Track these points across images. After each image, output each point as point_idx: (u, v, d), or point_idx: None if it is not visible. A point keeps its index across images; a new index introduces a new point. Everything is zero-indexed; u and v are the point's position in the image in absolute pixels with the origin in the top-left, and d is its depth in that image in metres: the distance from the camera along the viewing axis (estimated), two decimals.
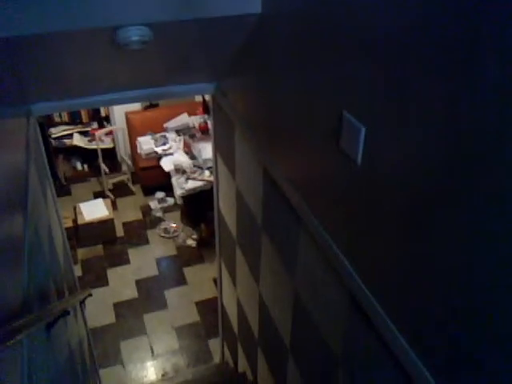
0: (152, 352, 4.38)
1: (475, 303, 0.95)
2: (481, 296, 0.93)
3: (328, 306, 1.68)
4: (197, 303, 4.80)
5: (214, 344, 4.36)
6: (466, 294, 0.97)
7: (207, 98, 5.43)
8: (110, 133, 6.38)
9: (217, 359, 4.28)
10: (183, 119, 6.08)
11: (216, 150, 2.97)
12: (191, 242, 5.51)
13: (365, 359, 1.48)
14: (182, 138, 5.86)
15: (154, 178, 6.01)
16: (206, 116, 5.90)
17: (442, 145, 0.96)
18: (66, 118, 6.31)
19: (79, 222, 5.33)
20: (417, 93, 1.00)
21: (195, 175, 5.29)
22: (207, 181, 5.14)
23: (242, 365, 3.43)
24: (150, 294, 4.91)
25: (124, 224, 5.81)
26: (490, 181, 0.85)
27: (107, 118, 6.41)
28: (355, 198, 1.34)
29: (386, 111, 1.13)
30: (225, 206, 3.02)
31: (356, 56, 1.21)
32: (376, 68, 1.13)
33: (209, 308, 4.69)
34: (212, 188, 3.26)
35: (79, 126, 6.41)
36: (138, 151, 5.98)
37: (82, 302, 3.17)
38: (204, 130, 5.79)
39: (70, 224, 5.33)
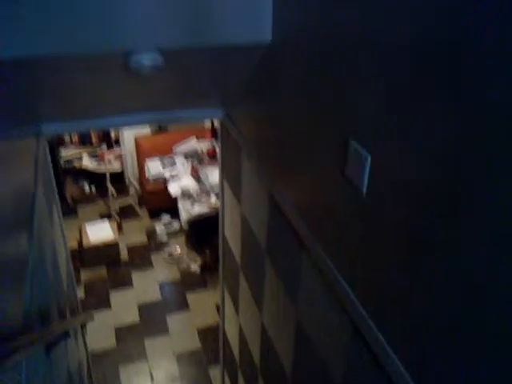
0: (152, 378, 4.31)
1: (478, 334, 0.94)
2: (486, 327, 0.92)
3: (330, 333, 1.66)
4: (198, 329, 4.76)
5: (215, 371, 4.29)
6: (470, 325, 0.96)
7: (216, 123, 5.49)
8: (119, 156, 6.44)
9: None
10: (191, 144, 6.14)
11: (223, 174, 2.98)
12: (195, 267, 5.49)
13: None
14: (189, 162, 5.90)
15: (161, 202, 6.04)
16: (214, 141, 5.96)
17: (448, 175, 0.96)
18: (76, 139, 6.39)
19: (84, 243, 5.34)
20: (422, 122, 1.01)
21: (202, 200, 5.31)
22: (213, 206, 5.16)
23: None
24: (151, 319, 4.87)
25: (129, 247, 5.80)
26: (494, 211, 0.85)
27: (117, 141, 6.48)
28: (360, 226, 1.34)
29: (392, 140, 1.13)
30: (230, 232, 3.02)
31: (362, 85, 1.22)
32: (382, 97, 1.14)
33: (210, 334, 4.64)
34: (218, 213, 3.27)
35: (89, 148, 6.48)
36: (146, 174, 6.02)
37: (84, 325, 3.15)
38: (212, 155, 5.84)
39: (75, 245, 5.34)
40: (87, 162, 6.39)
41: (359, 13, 1.19)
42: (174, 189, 5.58)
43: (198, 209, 5.22)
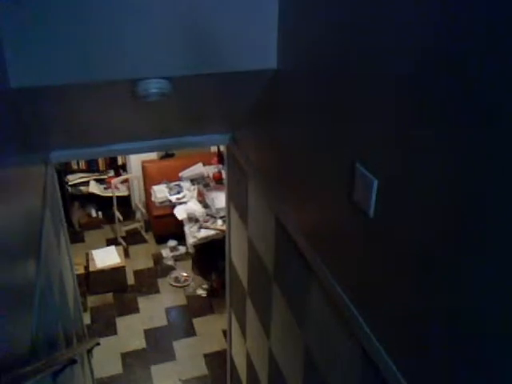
0: None
1: (494, 356, 0.93)
2: (498, 349, 0.91)
3: (339, 359, 1.63)
4: (205, 355, 4.70)
5: None
6: (482, 349, 0.95)
7: (222, 148, 5.53)
8: (125, 181, 6.47)
9: None
10: (198, 169, 6.17)
11: (229, 199, 2.99)
12: (201, 292, 5.45)
13: None
14: (196, 187, 5.92)
15: (167, 227, 6.04)
16: (220, 166, 5.99)
17: (456, 200, 0.96)
18: (83, 165, 6.44)
19: (91, 268, 5.33)
20: (430, 147, 1.02)
21: (208, 224, 5.30)
22: (220, 230, 5.15)
23: None
24: (158, 345, 4.82)
25: (135, 272, 5.79)
26: (504, 236, 0.85)
27: (123, 167, 6.52)
28: (368, 251, 1.34)
29: (399, 164, 1.14)
30: (236, 256, 3.01)
31: (368, 110, 1.23)
32: (389, 122, 1.15)
33: (218, 360, 4.58)
34: (224, 238, 3.26)
35: (96, 173, 6.53)
36: (153, 199, 6.04)
37: (90, 351, 3.13)
38: (218, 180, 5.85)
39: (81, 271, 5.33)
40: (94, 187, 6.42)
41: (365, 38, 1.21)
42: (180, 213, 5.59)
43: (204, 232, 5.21)
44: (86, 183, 6.46)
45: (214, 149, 6.32)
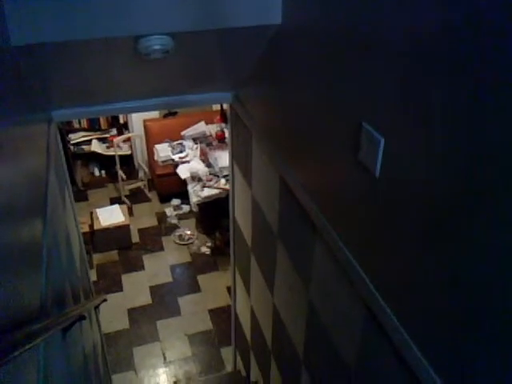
0: (164, 359, 4.38)
1: (494, 313, 0.94)
2: (502, 306, 0.92)
3: (342, 316, 1.67)
4: (210, 311, 4.81)
5: (227, 352, 4.35)
6: (483, 305, 0.96)
7: (225, 106, 5.47)
8: (127, 140, 6.45)
9: (229, 368, 4.27)
10: (200, 127, 6.12)
11: (233, 158, 2.98)
12: (205, 250, 5.52)
13: (378, 370, 1.46)
14: (198, 146, 5.90)
15: (170, 186, 6.05)
16: (223, 125, 5.94)
17: (462, 156, 0.95)
18: (85, 124, 6.40)
19: (95, 227, 5.38)
20: (437, 103, 1.00)
21: (211, 183, 5.32)
22: (223, 189, 5.17)
23: (255, 374, 3.42)
24: (163, 301, 4.93)
25: (139, 230, 5.85)
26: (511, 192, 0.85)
27: (125, 125, 6.48)
28: (372, 210, 1.34)
29: (406, 122, 1.12)
30: (240, 215, 3.03)
31: (376, 67, 1.21)
32: (396, 79, 1.13)
33: (222, 316, 4.69)
34: (227, 196, 3.27)
35: (98, 132, 6.49)
36: (155, 158, 6.03)
37: (97, 307, 3.20)
38: (221, 139, 5.83)
39: (86, 229, 5.38)
40: (96, 146, 6.40)
41: None
42: (183, 172, 5.59)
43: (208, 191, 5.23)
44: (88, 142, 6.43)
45: (216, 107, 6.25)
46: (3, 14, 1.39)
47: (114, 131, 6.50)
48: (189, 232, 5.75)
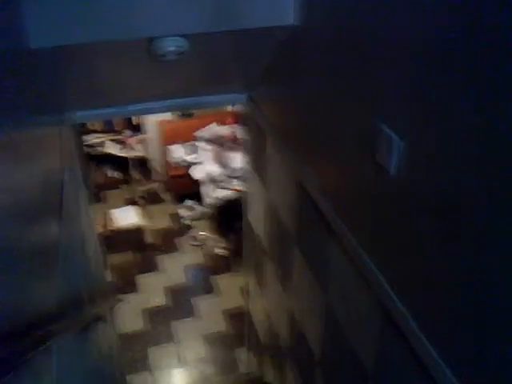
0: (179, 359, 4.39)
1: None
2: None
3: (360, 319, 1.65)
4: (224, 312, 4.80)
5: (241, 353, 4.34)
6: (505, 307, 0.94)
7: (238, 108, 5.47)
8: (141, 141, 6.48)
9: (244, 369, 4.26)
10: (214, 129, 6.13)
11: (247, 159, 2.98)
12: (219, 251, 5.52)
13: (396, 374, 1.45)
14: (212, 147, 5.91)
15: (184, 187, 6.07)
16: (236, 126, 5.94)
17: (480, 158, 0.94)
18: (99, 125, 6.44)
19: (110, 228, 5.41)
20: (455, 105, 0.99)
21: (225, 184, 5.32)
22: (236, 190, 5.16)
23: (269, 375, 3.41)
24: (178, 302, 4.94)
25: (154, 231, 5.87)
26: None
27: (139, 127, 6.51)
28: (390, 212, 1.33)
29: (424, 124, 1.11)
30: (255, 216, 3.02)
31: (394, 68, 1.19)
32: (414, 80, 1.12)
33: (236, 317, 4.68)
34: (241, 197, 3.27)
35: (112, 133, 6.53)
36: (169, 159, 6.05)
37: (113, 308, 3.21)
38: (234, 140, 5.83)
39: (100, 230, 5.41)
40: (110, 148, 6.44)
41: None
42: (195, 173, 5.60)
43: (221, 192, 5.23)
44: (102, 143, 6.47)
45: (229, 108, 6.25)
46: (22, 18, 1.40)
47: (128, 133, 6.53)
48: (203, 233, 5.75)
